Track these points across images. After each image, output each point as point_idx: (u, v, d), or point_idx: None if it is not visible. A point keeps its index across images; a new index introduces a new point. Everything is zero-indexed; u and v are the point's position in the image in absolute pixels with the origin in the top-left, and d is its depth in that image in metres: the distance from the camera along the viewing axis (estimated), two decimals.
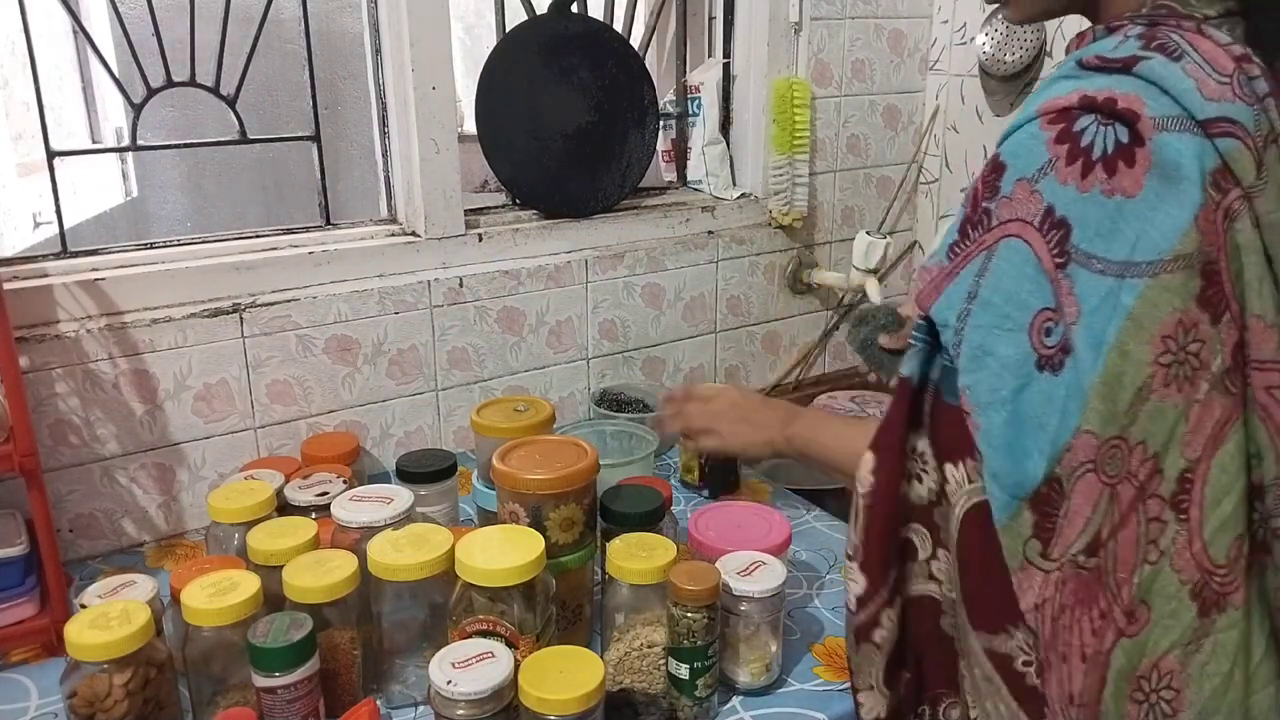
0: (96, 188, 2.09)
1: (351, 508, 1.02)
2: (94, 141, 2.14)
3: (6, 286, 1.06)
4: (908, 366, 0.77)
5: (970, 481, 0.73)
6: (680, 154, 1.78)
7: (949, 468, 0.74)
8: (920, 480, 0.77)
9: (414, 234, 1.44)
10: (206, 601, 0.87)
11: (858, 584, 0.79)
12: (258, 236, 1.37)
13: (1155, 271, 0.64)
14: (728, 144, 1.75)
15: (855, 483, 0.80)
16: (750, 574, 0.97)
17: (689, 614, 0.91)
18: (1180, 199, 0.64)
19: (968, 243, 0.73)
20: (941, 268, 0.75)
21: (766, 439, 1.10)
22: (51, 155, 1.24)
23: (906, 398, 0.77)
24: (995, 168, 0.72)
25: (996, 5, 0.85)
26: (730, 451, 1.19)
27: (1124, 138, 0.65)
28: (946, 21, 1.83)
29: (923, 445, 0.77)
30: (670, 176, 1.80)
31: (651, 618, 0.95)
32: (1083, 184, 0.66)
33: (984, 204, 0.72)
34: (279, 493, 1.10)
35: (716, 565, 0.97)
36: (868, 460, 0.79)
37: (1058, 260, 0.67)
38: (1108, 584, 0.67)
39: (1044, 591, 0.69)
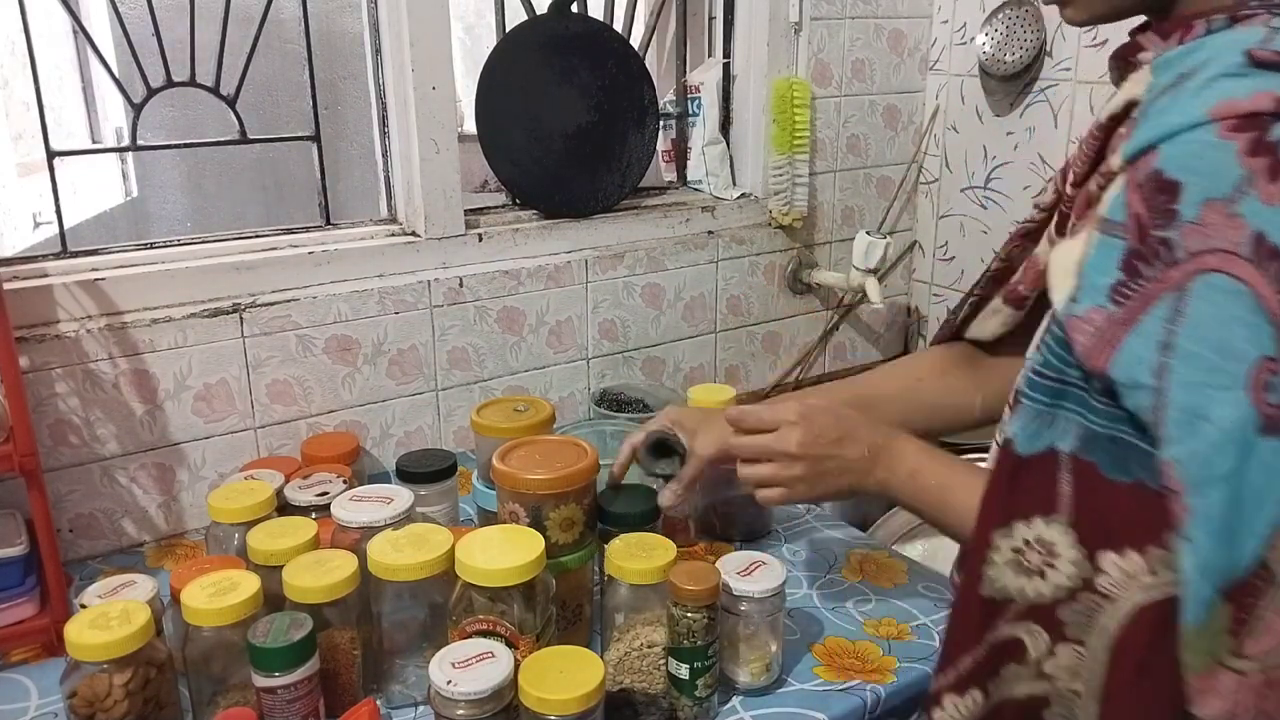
0: (96, 188, 2.09)
1: (351, 508, 1.02)
2: (94, 141, 2.14)
3: (6, 286, 1.06)
4: (1014, 427, 0.65)
5: (1152, 574, 0.60)
6: (680, 154, 1.78)
7: (1111, 557, 0.62)
8: (1043, 575, 0.65)
9: (414, 234, 1.44)
10: (206, 601, 0.87)
11: (940, 654, 0.73)
12: (258, 236, 1.37)
13: None
14: (728, 144, 1.75)
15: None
16: (750, 574, 0.96)
17: (689, 614, 0.91)
18: None
19: (1141, 281, 0.59)
20: (1109, 315, 0.61)
21: (855, 486, 0.90)
22: (51, 155, 1.24)
23: (1005, 466, 0.65)
24: (1161, 186, 0.59)
25: (1055, 4, 0.76)
26: (810, 501, 1.06)
27: None
28: (946, 21, 1.83)
29: (1050, 534, 0.64)
30: (670, 176, 1.80)
31: (651, 618, 0.95)
32: None
33: (1157, 232, 0.58)
34: (279, 493, 1.10)
35: (716, 565, 0.96)
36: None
37: None
38: None
39: (1240, 697, 0.58)
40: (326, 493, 1.10)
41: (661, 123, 1.67)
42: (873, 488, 0.90)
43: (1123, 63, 0.75)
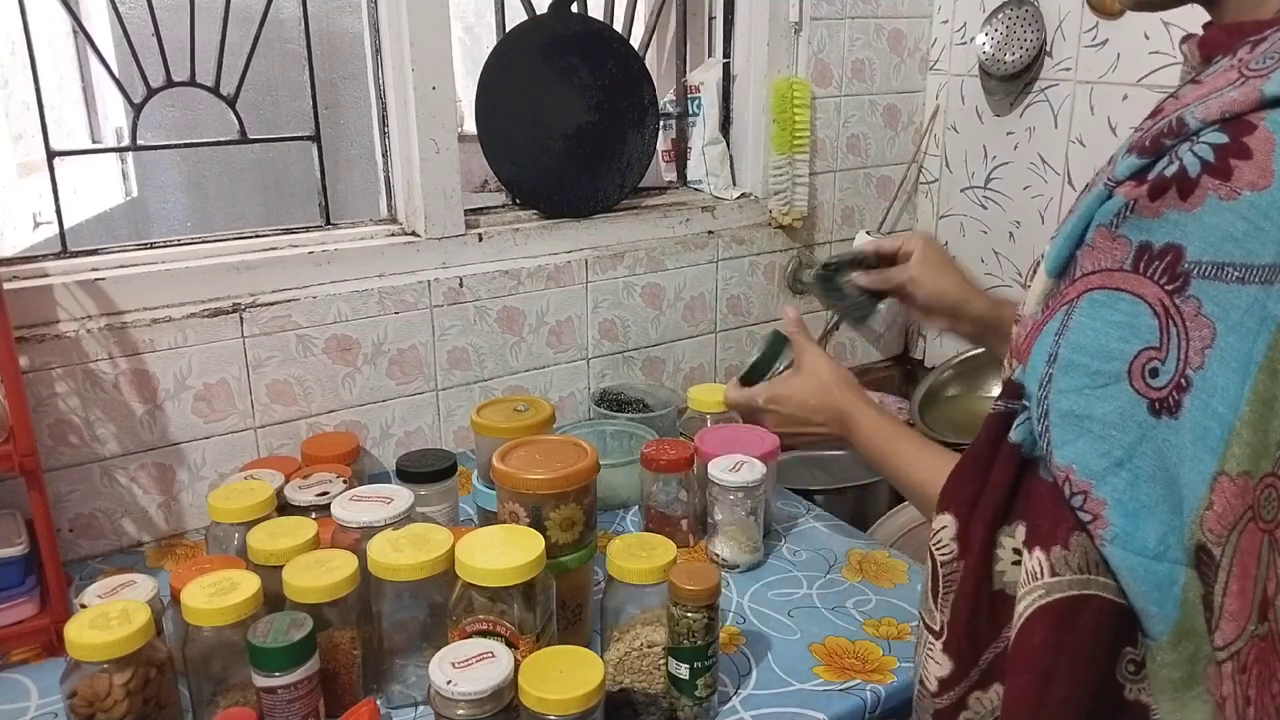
0: (96, 188, 2.09)
1: (351, 508, 1.02)
2: (94, 141, 2.14)
3: (6, 286, 1.06)
4: (1019, 433, 0.66)
5: (1054, 575, 0.62)
6: (680, 154, 1.78)
7: (1025, 556, 0.64)
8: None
9: (414, 234, 1.44)
10: (206, 601, 0.87)
11: (940, 666, 0.71)
12: (258, 236, 1.37)
13: None
14: (728, 144, 1.75)
15: (931, 544, 0.71)
16: (736, 471, 1.16)
17: (689, 614, 0.91)
18: None
19: (1056, 295, 0.65)
20: (1033, 320, 0.65)
21: (830, 447, 1.08)
22: (51, 155, 1.24)
23: (1013, 467, 0.66)
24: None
25: None
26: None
27: (1220, 140, 0.58)
28: (946, 21, 1.83)
29: (1023, 532, 0.66)
30: (670, 176, 1.80)
31: (651, 618, 0.95)
32: (1185, 204, 0.58)
33: (1077, 251, 0.64)
34: (279, 493, 1.10)
35: (709, 465, 1.16)
36: (948, 525, 0.70)
37: (1169, 287, 0.58)
38: None
39: (1220, 689, 0.59)
40: (326, 493, 1.10)
41: (661, 123, 1.67)
42: (845, 447, 1.03)
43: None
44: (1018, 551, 0.67)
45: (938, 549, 0.71)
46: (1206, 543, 0.57)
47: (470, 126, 1.52)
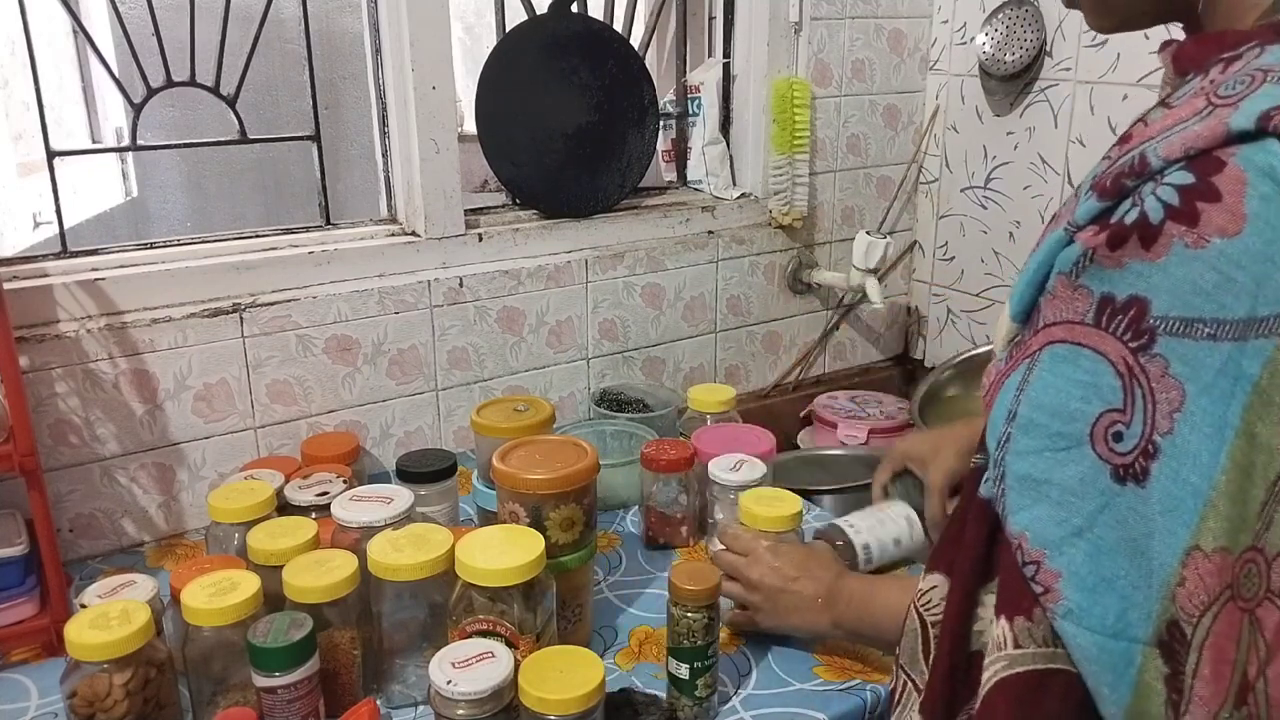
0: (96, 188, 2.09)
1: (351, 508, 1.02)
2: (94, 141, 2.14)
3: (6, 286, 1.06)
4: (987, 488, 0.62)
5: (1016, 645, 0.58)
6: (680, 154, 1.78)
7: (993, 621, 0.60)
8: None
9: (414, 234, 1.44)
10: (206, 601, 0.87)
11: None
12: (258, 236, 1.37)
13: None
14: (728, 144, 1.75)
15: (919, 604, 0.68)
16: (736, 470, 1.18)
17: (689, 614, 0.91)
18: None
19: (1020, 343, 0.60)
20: (998, 369, 0.61)
21: (810, 625, 1.00)
22: (51, 155, 1.24)
23: (985, 524, 0.62)
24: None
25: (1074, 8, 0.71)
26: (768, 631, 1.05)
27: (1186, 180, 0.53)
28: (946, 21, 1.83)
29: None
30: (670, 176, 1.80)
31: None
32: (1148, 254, 0.53)
33: (1041, 299, 0.59)
34: (279, 493, 1.10)
35: (709, 465, 1.18)
36: (938, 585, 0.67)
37: (1133, 345, 0.53)
38: None
39: None
40: (326, 493, 1.10)
41: (661, 123, 1.67)
42: (826, 627, 0.99)
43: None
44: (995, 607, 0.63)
45: (927, 610, 0.67)
46: (1179, 619, 0.53)
47: (470, 126, 1.52)
